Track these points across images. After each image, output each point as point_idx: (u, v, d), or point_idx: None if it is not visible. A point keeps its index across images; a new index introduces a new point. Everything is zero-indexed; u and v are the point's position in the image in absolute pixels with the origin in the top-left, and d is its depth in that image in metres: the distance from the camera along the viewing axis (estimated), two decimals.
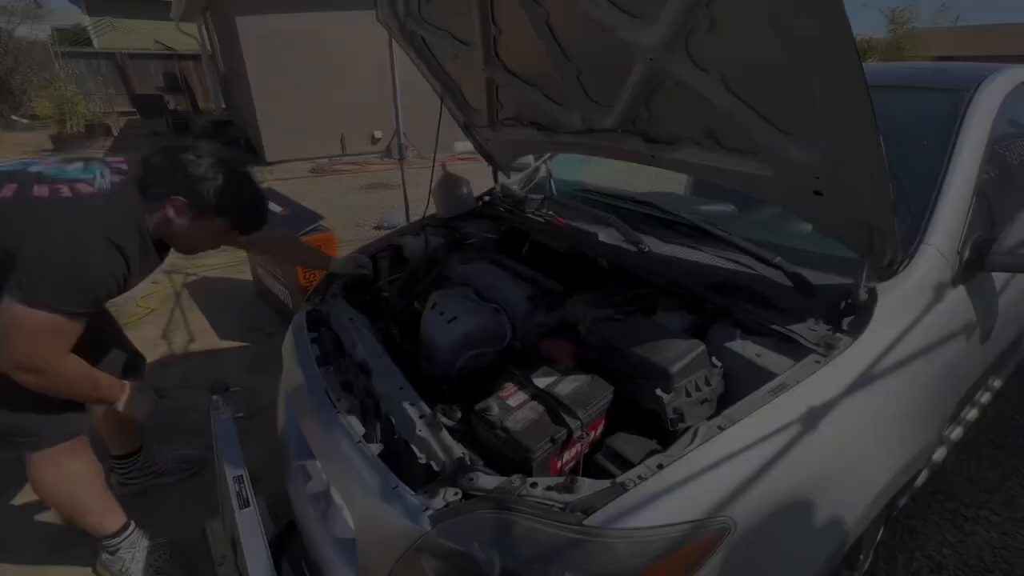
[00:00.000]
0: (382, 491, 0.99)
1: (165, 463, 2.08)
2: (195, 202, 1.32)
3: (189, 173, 1.31)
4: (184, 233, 1.37)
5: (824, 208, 1.08)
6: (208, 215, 1.35)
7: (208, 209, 1.34)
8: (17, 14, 13.44)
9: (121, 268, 1.25)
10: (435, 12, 1.65)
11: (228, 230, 1.42)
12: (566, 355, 1.19)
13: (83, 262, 1.18)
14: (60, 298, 1.16)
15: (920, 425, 1.22)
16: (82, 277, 1.19)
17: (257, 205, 1.47)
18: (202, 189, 1.31)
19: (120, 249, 1.23)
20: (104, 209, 1.23)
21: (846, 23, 0.74)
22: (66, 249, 1.16)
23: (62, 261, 1.15)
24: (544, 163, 2.40)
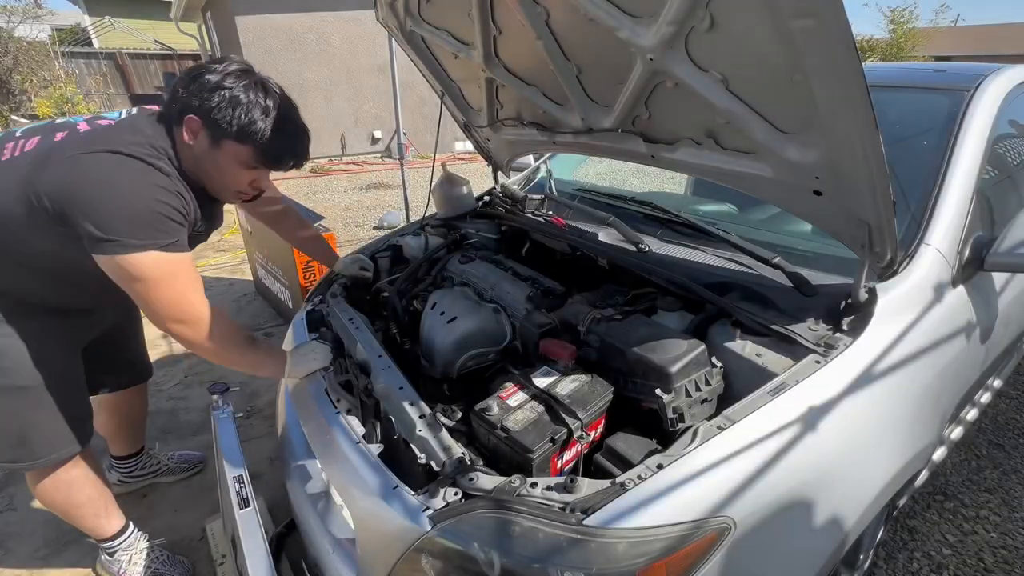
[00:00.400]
0: (382, 491, 0.99)
1: (166, 463, 2.08)
2: (210, 119, 1.13)
3: (202, 83, 1.12)
4: (206, 164, 1.18)
5: (824, 208, 1.08)
6: (229, 137, 1.15)
7: (227, 129, 1.13)
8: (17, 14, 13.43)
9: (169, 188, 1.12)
10: (435, 12, 1.65)
11: (254, 161, 1.20)
12: (566, 355, 1.19)
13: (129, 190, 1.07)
14: (139, 234, 1.07)
15: (920, 425, 1.22)
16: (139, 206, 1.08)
17: (291, 129, 1.21)
18: (215, 101, 1.11)
19: (155, 167, 1.11)
20: (120, 134, 1.12)
21: (846, 23, 0.74)
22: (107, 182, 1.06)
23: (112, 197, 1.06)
24: (544, 163, 2.40)
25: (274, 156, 1.21)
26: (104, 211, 1.05)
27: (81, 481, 1.46)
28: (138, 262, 1.08)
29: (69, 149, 1.09)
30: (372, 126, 9.51)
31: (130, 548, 1.62)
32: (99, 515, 1.55)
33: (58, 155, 1.09)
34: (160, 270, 1.11)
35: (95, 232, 1.06)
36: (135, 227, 1.07)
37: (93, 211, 1.05)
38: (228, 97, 1.12)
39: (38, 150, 1.13)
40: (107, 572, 1.65)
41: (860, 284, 1.14)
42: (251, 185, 1.28)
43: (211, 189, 1.26)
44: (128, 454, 1.96)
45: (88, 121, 1.18)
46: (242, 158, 1.19)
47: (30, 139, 1.16)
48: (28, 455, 1.34)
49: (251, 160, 1.20)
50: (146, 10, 16.18)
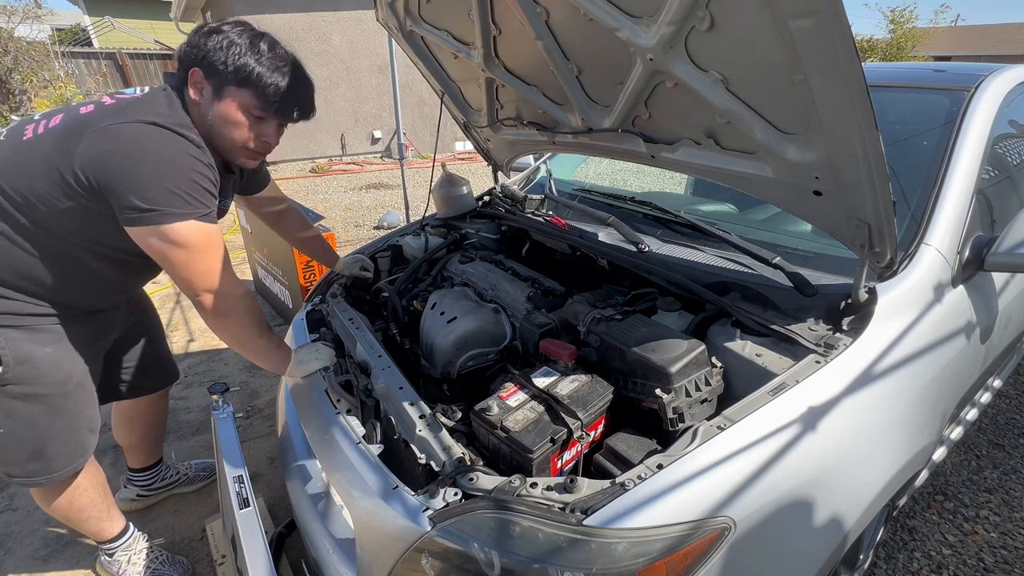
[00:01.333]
0: (382, 491, 0.99)
1: (185, 472, 2.05)
2: (210, 69, 1.14)
3: (201, 36, 1.14)
4: (214, 121, 1.18)
5: (824, 208, 1.08)
6: (228, 86, 1.15)
7: (227, 75, 1.13)
8: (17, 14, 13.43)
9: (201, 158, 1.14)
10: (435, 12, 1.65)
11: (258, 106, 1.18)
12: (566, 355, 1.19)
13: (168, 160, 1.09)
14: (180, 204, 1.08)
15: (920, 425, 1.22)
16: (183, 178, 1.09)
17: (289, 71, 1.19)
18: (212, 47, 1.12)
19: (186, 137, 1.12)
20: (147, 105, 1.13)
21: (846, 23, 0.74)
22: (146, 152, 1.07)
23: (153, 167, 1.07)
24: (544, 163, 2.40)
25: (277, 101, 1.19)
26: (145, 181, 1.06)
27: (84, 486, 1.45)
28: (180, 231, 1.10)
29: (101, 120, 1.09)
30: (372, 126, 9.51)
31: (129, 548, 1.62)
32: (101, 519, 1.54)
33: (91, 127, 1.08)
34: (200, 239, 1.13)
35: (136, 202, 1.06)
36: (176, 196, 1.08)
37: (133, 181, 1.06)
38: (225, 43, 1.13)
39: (65, 125, 1.12)
40: (106, 572, 1.65)
41: (860, 284, 1.14)
42: (259, 139, 1.25)
43: (222, 149, 1.24)
44: (147, 465, 1.93)
45: (111, 95, 1.18)
46: (245, 103, 1.17)
47: (52, 118, 1.15)
48: (44, 469, 1.32)
49: (254, 106, 1.18)
50: (146, 10, 16.18)
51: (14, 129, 1.19)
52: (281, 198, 1.77)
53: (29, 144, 1.13)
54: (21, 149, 1.14)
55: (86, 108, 1.15)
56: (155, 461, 1.95)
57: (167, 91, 1.20)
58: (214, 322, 1.24)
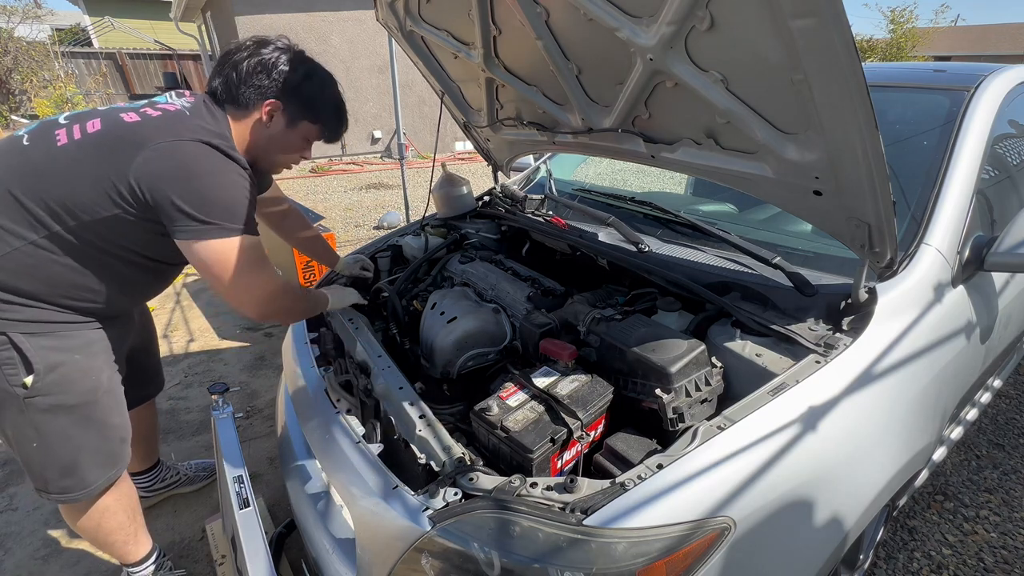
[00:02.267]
0: (382, 491, 0.99)
1: (185, 472, 2.05)
2: (292, 104, 1.26)
3: (281, 71, 1.23)
4: (277, 142, 1.30)
5: (823, 208, 1.08)
6: (305, 119, 1.29)
7: (305, 112, 1.28)
8: (17, 14, 13.43)
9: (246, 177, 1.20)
10: (435, 12, 1.65)
11: (319, 137, 1.37)
12: (566, 355, 1.19)
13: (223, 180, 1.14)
14: (233, 219, 1.14)
15: (920, 425, 1.22)
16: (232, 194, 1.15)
17: (344, 112, 1.39)
18: (298, 88, 1.25)
19: (234, 159, 1.18)
20: (197, 122, 1.17)
21: (846, 23, 0.74)
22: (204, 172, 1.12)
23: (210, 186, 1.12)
24: (544, 163, 2.40)
25: (336, 133, 1.41)
26: (201, 199, 1.11)
27: (113, 508, 1.43)
28: (230, 247, 1.15)
29: (156, 136, 1.11)
30: (372, 126, 9.51)
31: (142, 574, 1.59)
32: (127, 542, 1.51)
33: (148, 142, 1.10)
34: (253, 253, 1.19)
35: (192, 216, 1.11)
36: (228, 213, 1.14)
37: (191, 199, 1.10)
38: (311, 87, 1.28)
39: (110, 133, 1.13)
40: None
41: (860, 284, 1.14)
42: (302, 158, 1.42)
43: (268, 163, 1.37)
44: (144, 469, 1.92)
45: (151, 106, 1.20)
46: (311, 134, 1.35)
47: (87, 122, 1.15)
48: (78, 484, 1.30)
49: (316, 136, 1.37)
50: (146, 10, 16.18)
51: (40, 132, 1.16)
52: (282, 199, 1.79)
53: (67, 150, 1.12)
54: (59, 155, 1.12)
55: (129, 116, 1.15)
56: (152, 464, 1.95)
57: (208, 105, 1.24)
58: (262, 319, 1.31)
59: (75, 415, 1.25)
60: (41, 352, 1.18)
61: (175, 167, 1.10)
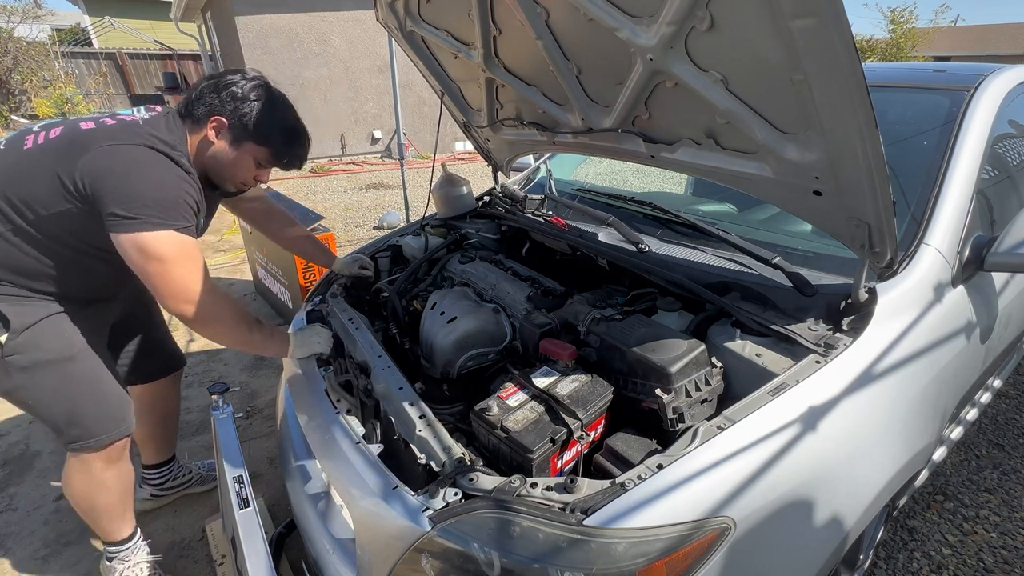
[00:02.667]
0: (382, 491, 0.99)
1: (197, 472, 2.06)
2: (236, 123, 1.30)
3: (232, 92, 1.29)
4: (223, 160, 1.34)
5: (824, 208, 1.08)
6: (250, 139, 1.33)
7: (250, 133, 1.32)
8: (17, 14, 13.43)
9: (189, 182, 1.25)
10: (435, 12, 1.66)
11: (268, 160, 1.39)
12: (566, 355, 1.19)
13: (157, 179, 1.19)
14: (161, 214, 1.17)
15: (920, 425, 1.22)
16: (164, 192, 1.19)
17: (299, 137, 1.41)
18: (244, 109, 1.29)
19: (178, 163, 1.24)
20: (148, 130, 1.24)
21: (846, 23, 0.74)
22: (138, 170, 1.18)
23: (141, 183, 1.17)
24: (544, 163, 2.40)
25: (286, 159, 1.41)
26: (131, 193, 1.16)
27: (111, 485, 1.50)
28: (157, 240, 1.18)
29: (103, 139, 1.20)
30: (372, 126, 9.51)
31: (126, 560, 1.63)
32: (113, 519, 1.57)
33: (94, 143, 1.19)
34: (176, 250, 1.20)
35: (120, 211, 1.15)
36: (157, 208, 1.18)
37: (121, 193, 1.16)
38: (254, 108, 1.31)
39: (66, 137, 1.23)
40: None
41: (860, 284, 1.14)
42: (256, 178, 1.44)
43: (218, 179, 1.40)
44: (161, 461, 1.94)
45: (111, 116, 1.29)
46: (259, 157, 1.37)
47: (51, 130, 1.26)
48: (85, 433, 1.39)
49: (265, 159, 1.38)
50: (146, 10, 16.18)
51: (14, 139, 1.28)
52: (262, 195, 1.80)
53: (30, 153, 1.23)
54: (23, 158, 1.23)
55: (87, 124, 1.26)
56: (168, 457, 1.97)
57: (169, 116, 1.32)
58: (200, 331, 1.31)
59: (55, 370, 1.33)
60: (15, 313, 1.27)
61: (111, 165, 1.17)
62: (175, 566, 1.77)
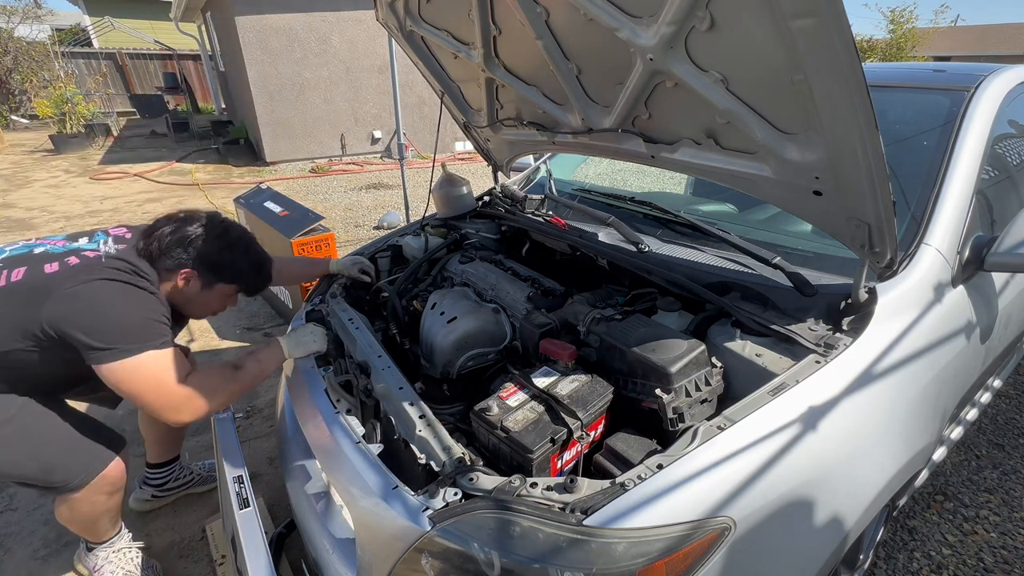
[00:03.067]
0: (382, 491, 0.99)
1: (198, 472, 2.06)
2: (205, 272, 1.40)
3: (196, 247, 1.37)
4: (195, 300, 1.44)
5: (824, 208, 1.08)
6: (220, 281, 1.44)
7: (220, 277, 1.43)
8: (17, 14, 13.43)
9: (156, 300, 1.31)
10: (435, 12, 1.65)
11: (237, 292, 1.52)
12: (566, 355, 1.19)
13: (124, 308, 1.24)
14: (138, 339, 1.22)
15: (920, 425, 1.22)
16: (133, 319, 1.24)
17: (265, 270, 1.55)
18: (212, 259, 1.39)
19: (142, 288, 1.29)
20: (113, 265, 1.29)
21: (846, 23, 0.74)
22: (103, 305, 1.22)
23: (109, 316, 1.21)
24: (544, 163, 2.40)
25: (254, 288, 1.56)
26: (102, 328, 1.20)
27: (101, 508, 1.50)
28: (136, 364, 1.22)
29: (66, 284, 1.23)
30: (372, 126, 9.50)
31: (109, 547, 1.64)
32: (106, 529, 1.60)
33: (56, 287, 1.22)
34: (156, 369, 1.24)
35: (95, 344, 1.19)
36: (130, 336, 1.22)
37: (92, 330, 1.20)
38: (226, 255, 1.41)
39: (28, 283, 1.25)
40: (83, 566, 1.68)
41: (860, 284, 1.14)
42: (224, 308, 1.56)
43: (188, 312, 1.50)
44: (165, 461, 1.95)
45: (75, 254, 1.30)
46: (228, 292, 1.50)
47: (14, 270, 1.27)
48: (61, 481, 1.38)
49: (234, 292, 1.51)
50: (146, 10, 16.16)
51: None
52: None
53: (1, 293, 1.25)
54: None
55: (51, 266, 1.27)
56: (173, 457, 1.98)
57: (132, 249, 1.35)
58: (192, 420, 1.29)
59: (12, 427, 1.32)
60: None
61: (75, 307, 1.20)
62: (175, 566, 1.76)
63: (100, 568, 1.64)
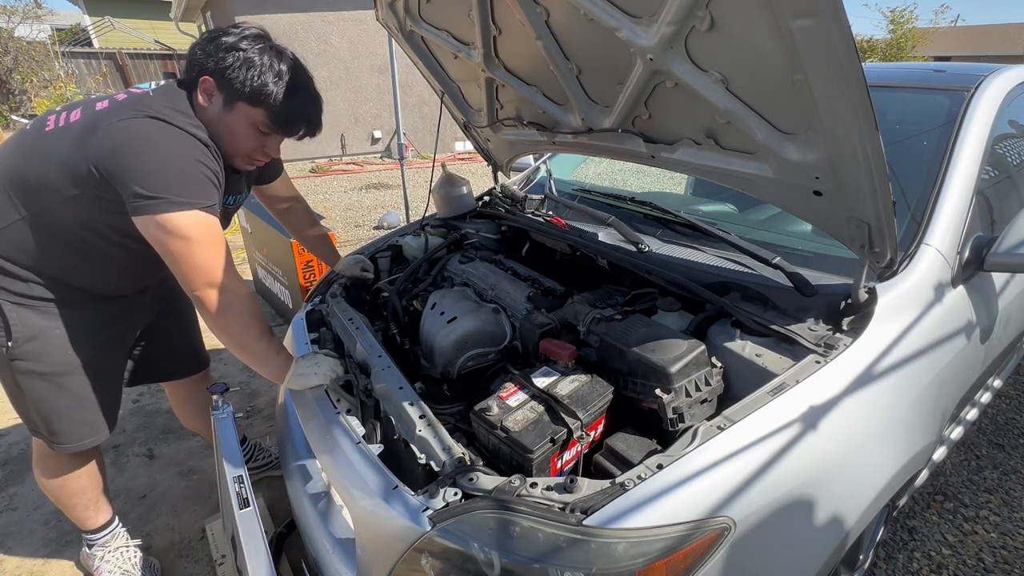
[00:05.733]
0: (382, 491, 0.99)
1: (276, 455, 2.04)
2: (224, 81, 1.15)
3: (219, 43, 1.14)
4: (221, 128, 1.20)
5: (824, 208, 1.08)
6: (241, 99, 1.17)
7: (240, 91, 1.15)
8: (17, 14, 13.44)
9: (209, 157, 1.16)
10: (435, 12, 1.65)
11: (266, 125, 1.21)
12: (566, 355, 1.19)
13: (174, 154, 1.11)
14: (184, 194, 1.10)
15: (920, 425, 1.22)
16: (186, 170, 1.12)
17: (301, 93, 1.21)
18: (229, 61, 1.13)
19: (193, 135, 1.14)
20: (159, 101, 1.16)
21: (846, 23, 0.74)
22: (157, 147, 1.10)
23: (159, 159, 1.09)
24: (544, 163, 2.40)
25: (286, 120, 1.22)
26: (150, 170, 1.08)
27: (77, 472, 1.51)
28: (181, 220, 1.10)
29: (112, 116, 1.12)
30: (372, 126, 9.51)
31: (106, 546, 1.65)
32: (88, 507, 1.58)
33: (103, 123, 1.12)
34: (202, 230, 1.13)
35: (140, 191, 1.08)
36: (181, 186, 1.10)
37: (139, 171, 1.08)
38: (242, 59, 1.14)
39: (82, 120, 1.16)
40: (86, 565, 1.69)
41: (860, 284, 1.14)
42: (263, 151, 1.29)
43: (224, 153, 1.25)
44: None
45: (124, 92, 1.22)
46: (255, 121, 1.20)
47: (72, 111, 1.20)
48: (55, 437, 1.40)
49: (263, 123, 1.21)
50: (146, 10, 16.18)
51: (39, 120, 1.24)
52: (293, 192, 1.78)
53: (50, 135, 1.18)
54: (43, 138, 1.19)
55: (101, 104, 1.19)
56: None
57: (178, 89, 1.22)
58: (213, 319, 1.21)
59: (49, 382, 1.32)
60: (23, 322, 1.25)
61: (123, 143, 1.09)
62: (175, 566, 1.77)
63: (98, 568, 1.64)
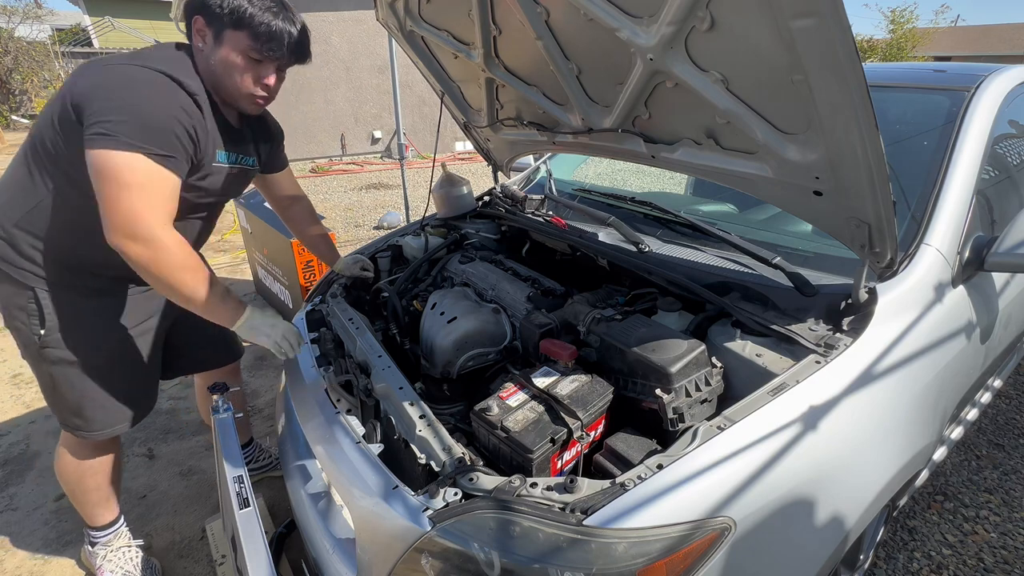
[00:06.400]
0: (382, 491, 0.99)
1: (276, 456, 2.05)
2: (210, 15, 1.17)
3: None
4: (216, 68, 1.21)
5: (824, 208, 1.08)
6: (226, 27, 1.17)
7: (223, 18, 1.16)
8: (17, 14, 13.46)
9: (190, 106, 1.16)
10: (435, 12, 1.65)
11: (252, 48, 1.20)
12: (566, 355, 1.19)
13: (148, 97, 1.10)
14: (137, 135, 1.07)
15: (920, 425, 1.22)
16: (152, 113, 1.10)
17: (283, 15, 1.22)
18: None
19: (182, 85, 1.15)
20: (158, 53, 1.19)
21: (846, 23, 0.74)
22: (129, 86, 1.09)
23: (129, 99, 1.08)
24: (544, 163, 2.40)
25: (267, 38, 1.20)
26: (113, 107, 1.07)
27: (96, 468, 1.54)
28: (121, 160, 1.07)
29: (104, 61, 1.15)
30: (372, 126, 9.51)
31: (108, 545, 1.65)
32: (100, 503, 1.60)
33: (94, 65, 1.15)
34: (138, 175, 1.08)
35: (94, 123, 1.06)
36: (137, 129, 1.08)
37: (104, 107, 1.07)
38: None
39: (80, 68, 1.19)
40: (88, 563, 1.70)
41: (860, 284, 1.14)
42: (258, 82, 1.27)
43: (227, 96, 1.27)
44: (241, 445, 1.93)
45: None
46: (242, 47, 1.20)
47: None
48: (84, 425, 1.43)
49: (250, 48, 1.20)
50: (146, 10, 16.19)
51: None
52: (297, 190, 1.79)
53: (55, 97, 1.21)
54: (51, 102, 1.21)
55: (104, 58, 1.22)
56: (245, 441, 2.00)
57: (181, 47, 1.26)
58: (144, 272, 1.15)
59: (78, 369, 1.36)
60: (56, 310, 1.29)
61: (100, 84, 1.10)
62: (175, 566, 1.77)
63: (100, 567, 1.65)
